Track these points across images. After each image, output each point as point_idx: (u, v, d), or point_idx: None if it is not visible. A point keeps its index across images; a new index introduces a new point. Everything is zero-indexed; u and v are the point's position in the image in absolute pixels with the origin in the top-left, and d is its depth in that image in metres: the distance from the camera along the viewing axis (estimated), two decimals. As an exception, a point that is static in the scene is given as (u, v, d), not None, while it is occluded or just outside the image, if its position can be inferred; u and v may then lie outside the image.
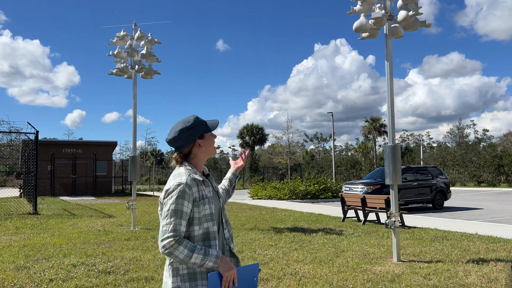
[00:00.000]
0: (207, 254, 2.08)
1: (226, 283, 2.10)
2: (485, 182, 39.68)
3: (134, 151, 11.22)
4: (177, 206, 2.12)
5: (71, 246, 7.95)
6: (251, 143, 50.39)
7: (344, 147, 75.46)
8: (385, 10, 6.97)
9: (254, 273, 2.23)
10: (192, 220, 2.17)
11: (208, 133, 2.34)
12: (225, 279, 2.09)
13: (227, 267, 2.11)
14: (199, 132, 2.29)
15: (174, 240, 2.07)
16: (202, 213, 2.17)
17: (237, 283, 2.15)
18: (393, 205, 6.96)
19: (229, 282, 2.11)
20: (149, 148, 57.46)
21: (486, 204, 18.61)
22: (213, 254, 2.10)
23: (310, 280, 5.41)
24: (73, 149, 29.46)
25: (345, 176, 46.20)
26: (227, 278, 2.10)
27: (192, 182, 2.18)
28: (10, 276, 5.63)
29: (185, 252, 2.06)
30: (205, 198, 2.20)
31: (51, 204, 19.65)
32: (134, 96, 11.35)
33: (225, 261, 2.13)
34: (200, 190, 2.20)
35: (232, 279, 2.12)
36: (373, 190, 15.04)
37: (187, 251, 2.06)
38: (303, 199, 22.10)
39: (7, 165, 39.28)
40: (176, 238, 2.07)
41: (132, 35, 11.42)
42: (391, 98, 7.07)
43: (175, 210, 2.12)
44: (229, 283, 2.11)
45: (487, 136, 50.50)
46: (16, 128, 38.23)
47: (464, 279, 5.41)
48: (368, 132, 52.43)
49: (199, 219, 2.17)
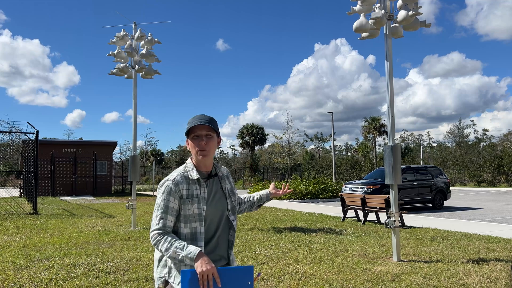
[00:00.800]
0: (184, 249, 2.07)
1: (202, 282, 1.99)
2: (485, 182, 39.68)
3: (134, 151, 11.22)
4: (163, 201, 2.17)
5: (71, 246, 7.95)
6: (251, 143, 50.41)
7: (344, 147, 75.47)
8: (385, 10, 6.97)
9: (248, 276, 2.07)
10: (179, 217, 2.20)
11: (190, 134, 2.27)
12: (200, 278, 1.99)
13: (204, 265, 1.99)
14: (187, 132, 2.27)
15: (157, 233, 2.14)
16: (189, 211, 2.18)
17: (220, 284, 2.01)
18: (393, 205, 6.96)
19: (205, 281, 1.99)
20: (149, 148, 57.48)
21: (486, 204, 18.61)
22: (191, 251, 2.05)
23: (310, 280, 5.41)
24: (73, 149, 29.46)
25: (345, 176, 46.19)
26: (202, 277, 1.98)
27: (181, 179, 2.20)
28: (10, 276, 5.63)
29: (165, 246, 2.09)
30: (194, 198, 2.19)
31: (51, 204, 19.66)
32: (134, 96, 11.35)
33: (203, 259, 2.02)
34: (190, 188, 2.20)
35: (210, 278, 1.99)
36: (373, 190, 15.05)
37: (167, 244, 2.09)
38: (303, 199, 22.11)
39: (7, 165, 39.28)
40: (160, 231, 2.14)
41: (132, 35, 11.42)
42: (391, 98, 7.07)
43: (160, 204, 2.18)
44: (206, 282, 1.99)
45: (487, 136, 50.48)
46: (16, 128, 38.23)
47: (464, 279, 5.41)
48: (368, 132, 52.44)
49: (185, 217, 2.18)
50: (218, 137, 2.31)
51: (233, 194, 2.40)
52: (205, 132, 2.23)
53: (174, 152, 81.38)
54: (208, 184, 2.28)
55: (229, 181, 2.42)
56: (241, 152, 59.42)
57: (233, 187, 2.43)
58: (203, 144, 2.21)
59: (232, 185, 2.43)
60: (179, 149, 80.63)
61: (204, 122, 2.21)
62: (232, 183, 2.44)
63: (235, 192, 2.46)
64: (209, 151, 2.24)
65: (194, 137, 2.23)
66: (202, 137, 2.22)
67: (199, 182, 2.24)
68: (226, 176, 2.41)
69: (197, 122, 2.20)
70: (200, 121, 2.21)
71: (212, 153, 2.27)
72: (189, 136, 2.25)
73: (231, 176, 2.54)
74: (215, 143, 2.28)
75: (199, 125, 2.21)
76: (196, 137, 2.22)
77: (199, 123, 2.20)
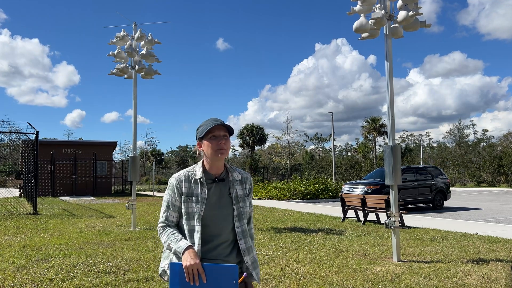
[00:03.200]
0: (176, 243, 2.21)
1: (187, 275, 2.09)
2: (485, 182, 39.68)
3: (134, 151, 11.22)
4: (166, 196, 2.35)
5: (71, 246, 7.95)
6: (251, 143, 50.40)
7: (344, 147, 75.53)
8: (385, 10, 6.97)
9: (233, 275, 2.12)
10: (182, 214, 2.32)
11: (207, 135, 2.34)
12: (185, 271, 2.10)
13: (189, 259, 2.10)
14: (197, 135, 2.37)
15: (160, 226, 2.34)
16: (189, 209, 2.28)
17: (205, 280, 2.10)
18: (393, 205, 6.96)
19: (190, 275, 2.09)
20: (149, 148, 57.52)
21: (486, 204, 18.61)
22: (180, 245, 2.18)
23: (310, 280, 5.41)
24: (73, 149, 29.46)
25: (345, 176, 46.20)
26: (187, 270, 2.09)
27: (185, 177, 2.33)
28: (10, 276, 5.63)
29: (164, 238, 2.28)
30: (193, 196, 2.28)
31: (51, 204, 19.66)
32: (134, 96, 11.35)
33: (189, 254, 2.12)
34: (190, 187, 2.30)
35: (195, 273, 2.09)
36: (373, 190, 15.05)
37: (165, 237, 2.27)
38: (303, 199, 22.10)
39: (7, 165, 39.28)
40: (162, 224, 2.34)
41: (132, 35, 11.42)
42: (391, 99, 7.07)
43: (164, 199, 2.37)
44: (191, 276, 2.09)
45: (486, 136, 50.51)
46: (16, 128, 38.28)
47: (464, 279, 5.41)
48: (368, 132, 52.44)
49: (186, 215, 2.29)
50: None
51: (243, 200, 2.36)
52: (223, 133, 2.32)
53: (174, 152, 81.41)
54: (212, 186, 2.32)
55: (243, 187, 2.40)
56: (241, 152, 59.48)
57: (246, 193, 2.40)
58: (222, 144, 2.29)
59: (246, 191, 2.41)
60: (179, 149, 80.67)
61: (221, 123, 2.32)
62: (246, 189, 2.41)
63: (246, 199, 2.39)
64: (227, 150, 2.33)
65: (212, 137, 2.31)
66: (221, 137, 2.30)
67: (201, 182, 2.31)
68: (240, 181, 2.40)
69: (215, 123, 2.30)
70: (218, 122, 2.31)
71: (227, 153, 2.35)
72: (205, 137, 2.32)
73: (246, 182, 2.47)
74: (230, 145, 2.39)
75: (219, 125, 2.30)
76: (214, 137, 2.30)
77: (218, 124, 2.30)
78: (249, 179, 2.47)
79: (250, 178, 2.50)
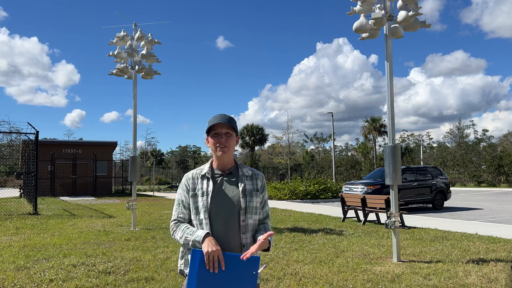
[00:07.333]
0: (193, 234, 2.24)
1: (208, 262, 2.14)
2: (485, 182, 39.68)
3: (134, 151, 11.22)
4: (178, 195, 2.44)
5: (71, 246, 7.96)
6: (251, 143, 50.44)
7: (344, 147, 75.50)
8: (385, 10, 6.97)
9: (254, 266, 2.15)
10: (191, 210, 2.37)
11: (210, 132, 2.40)
12: (206, 258, 2.14)
13: (210, 246, 2.14)
14: (207, 130, 2.41)
15: (173, 223, 2.39)
16: (196, 204, 2.34)
17: (224, 267, 2.14)
18: (393, 205, 6.96)
19: (210, 262, 2.13)
20: (149, 148, 57.51)
21: (486, 204, 18.61)
22: (198, 234, 2.22)
23: (310, 280, 5.41)
24: (73, 149, 29.47)
25: (345, 176, 46.20)
26: (208, 257, 2.13)
27: (193, 175, 2.41)
28: (10, 276, 5.63)
29: (179, 234, 2.31)
30: (199, 191, 2.35)
31: (51, 204, 19.66)
32: (134, 96, 11.36)
33: (211, 241, 2.18)
34: (198, 183, 2.38)
35: (215, 260, 2.14)
36: (373, 190, 15.05)
37: (180, 232, 2.31)
38: (303, 199, 22.10)
39: (7, 165, 39.30)
40: (174, 221, 2.39)
41: (132, 36, 11.42)
42: (391, 99, 7.07)
43: (176, 198, 2.44)
44: (211, 263, 2.14)
45: (486, 136, 50.47)
46: (16, 129, 38.30)
47: (464, 279, 5.41)
48: (368, 132, 52.42)
49: (195, 210, 2.35)
50: (236, 136, 2.44)
51: (251, 195, 2.36)
52: (225, 130, 2.36)
53: (174, 152, 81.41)
54: (219, 179, 2.38)
55: (253, 182, 2.42)
56: (241, 152, 59.42)
57: (255, 188, 2.41)
58: (223, 141, 2.34)
59: (256, 187, 2.42)
60: (179, 149, 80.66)
61: (224, 121, 2.35)
62: (257, 185, 2.42)
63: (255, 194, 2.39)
64: (229, 147, 2.36)
65: (214, 134, 2.37)
66: (222, 135, 2.35)
67: (208, 177, 2.38)
68: (251, 177, 2.43)
69: (217, 120, 2.35)
70: (220, 120, 2.35)
71: (232, 150, 2.39)
72: (209, 134, 2.39)
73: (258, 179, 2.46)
74: (234, 141, 2.41)
75: (220, 123, 2.34)
76: (216, 135, 2.36)
77: (220, 121, 2.34)
78: (261, 175, 2.50)
79: (262, 175, 2.52)
